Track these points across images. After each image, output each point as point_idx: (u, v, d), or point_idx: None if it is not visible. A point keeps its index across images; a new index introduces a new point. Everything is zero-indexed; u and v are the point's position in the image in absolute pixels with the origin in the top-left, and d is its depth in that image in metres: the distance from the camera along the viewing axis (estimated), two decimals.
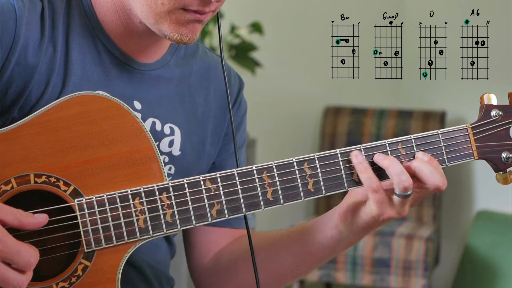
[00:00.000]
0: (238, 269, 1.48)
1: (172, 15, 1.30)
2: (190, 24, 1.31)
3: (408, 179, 1.28)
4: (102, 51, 1.37)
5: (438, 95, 4.37)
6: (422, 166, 1.30)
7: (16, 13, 1.29)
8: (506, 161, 1.36)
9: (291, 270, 1.45)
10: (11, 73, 1.29)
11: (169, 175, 1.43)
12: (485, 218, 4.08)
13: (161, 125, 1.42)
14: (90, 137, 1.26)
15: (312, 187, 1.31)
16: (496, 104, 1.37)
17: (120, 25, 1.37)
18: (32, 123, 1.25)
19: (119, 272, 1.25)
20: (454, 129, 1.36)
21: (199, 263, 1.54)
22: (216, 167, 1.52)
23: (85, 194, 1.25)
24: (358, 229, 1.35)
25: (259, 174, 1.29)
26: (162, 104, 1.42)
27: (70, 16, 1.36)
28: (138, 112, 1.39)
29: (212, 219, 1.28)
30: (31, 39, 1.31)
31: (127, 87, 1.38)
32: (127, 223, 1.25)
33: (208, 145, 1.49)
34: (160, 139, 1.42)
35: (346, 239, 1.38)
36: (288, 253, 1.43)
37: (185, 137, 1.45)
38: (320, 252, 1.41)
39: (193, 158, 1.47)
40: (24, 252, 1.15)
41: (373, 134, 4.29)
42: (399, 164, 1.29)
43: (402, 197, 1.29)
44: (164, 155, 1.43)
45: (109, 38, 1.37)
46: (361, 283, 3.86)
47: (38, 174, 1.23)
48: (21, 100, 1.31)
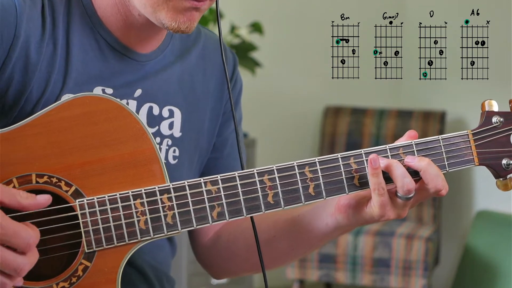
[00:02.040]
0: (236, 249, 1.49)
1: (169, 2, 1.30)
2: (187, 12, 1.32)
3: (411, 181, 1.29)
4: (103, 47, 1.37)
5: (438, 95, 4.37)
6: (428, 167, 1.30)
7: (17, 10, 1.30)
8: (507, 167, 1.37)
9: (287, 253, 1.46)
10: (12, 70, 1.30)
11: (175, 158, 1.44)
12: (485, 218, 4.08)
13: (159, 109, 1.42)
14: (92, 138, 1.26)
15: (312, 190, 1.31)
16: (497, 111, 1.38)
17: (119, 18, 1.37)
18: (34, 123, 1.25)
19: (119, 273, 1.25)
20: (455, 135, 1.36)
21: (200, 241, 1.54)
22: (218, 147, 1.52)
23: (87, 194, 1.25)
24: (355, 223, 1.37)
25: (260, 177, 1.29)
26: (162, 88, 1.43)
27: (70, 13, 1.36)
28: (134, 100, 1.40)
29: (213, 221, 1.28)
30: (32, 36, 1.31)
31: (129, 80, 1.39)
32: (128, 224, 1.25)
33: (208, 122, 1.50)
34: (159, 122, 1.43)
35: (342, 228, 1.39)
36: (284, 237, 1.44)
37: (185, 117, 1.46)
38: (315, 237, 1.41)
39: (194, 137, 1.47)
40: (22, 234, 1.14)
41: (373, 134, 4.29)
42: (402, 166, 1.30)
43: (404, 199, 1.30)
44: (167, 138, 1.43)
45: (110, 32, 1.38)
46: (361, 283, 3.86)
47: (40, 174, 1.24)
48: (23, 98, 1.31)
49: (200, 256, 1.56)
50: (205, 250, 1.54)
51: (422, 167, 1.31)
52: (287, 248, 1.45)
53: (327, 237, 1.41)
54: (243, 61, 3.80)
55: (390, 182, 1.31)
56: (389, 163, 1.31)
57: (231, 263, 1.52)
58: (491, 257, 3.94)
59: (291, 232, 1.44)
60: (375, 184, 1.30)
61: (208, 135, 1.51)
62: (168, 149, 1.43)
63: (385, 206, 1.30)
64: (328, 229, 1.39)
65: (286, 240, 1.45)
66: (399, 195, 1.30)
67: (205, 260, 1.56)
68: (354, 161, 1.32)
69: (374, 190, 1.30)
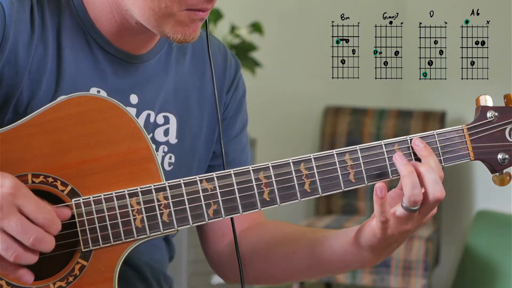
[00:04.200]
0: (256, 260, 1.48)
1: (176, 17, 1.29)
2: (193, 23, 1.31)
3: (420, 193, 1.27)
4: (95, 48, 1.37)
5: (438, 95, 4.37)
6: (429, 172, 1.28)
7: (5, 12, 1.29)
8: (502, 162, 1.36)
9: (303, 271, 1.44)
10: (1, 73, 1.29)
11: (170, 164, 1.44)
12: (485, 218, 4.08)
13: (154, 116, 1.42)
14: (87, 138, 1.26)
15: (308, 187, 1.31)
16: (492, 106, 1.37)
17: (114, 24, 1.36)
18: (30, 123, 1.25)
19: (116, 272, 1.25)
20: (450, 130, 1.36)
21: (215, 248, 1.53)
22: (219, 155, 1.51)
23: (83, 194, 1.25)
24: (366, 246, 1.33)
25: (255, 174, 1.29)
26: (158, 94, 1.42)
27: (61, 15, 1.35)
28: (133, 107, 1.39)
29: (209, 219, 1.28)
30: (21, 38, 1.30)
31: (122, 82, 1.38)
32: (124, 223, 1.25)
33: (205, 128, 1.49)
34: (154, 129, 1.42)
35: (357, 255, 1.36)
36: (303, 255, 1.42)
37: (181, 124, 1.45)
38: (333, 262, 1.40)
39: (191, 144, 1.47)
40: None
41: (373, 134, 4.29)
42: (415, 176, 1.27)
43: (409, 210, 1.27)
44: (163, 144, 1.43)
45: (102, 35, 1.37)
46: (361, 283, 3.86)
47: (35, 174, 1.24)
48: (13, 100, 1.30)
49: (215, 263, 1.54)
50: (222, 257, 1.52)
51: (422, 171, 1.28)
52: (304, 266, 1.43)
53: (344, 264, 1.39)
54: (243, 61, 3.80)
55: (386, 178, 1.30)
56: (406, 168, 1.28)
57: (248, 273, 1.48)
58: (491, 257, 3.93)
59: (311, 252, 1.42)
60: (379, 212, 1.28)
61: (206, 141, 1.50)
62: (164, 156, 1.43)
63: (387, 227, 1.28)
64: (347, 255, 1.37)
65: (305, 259, 1.43)
66: (404, 205, 1.27)
67: (220, 267, 1.54)
68: (349, 157, 1.31)
69: (377, 216, 1.28)
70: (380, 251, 1.33)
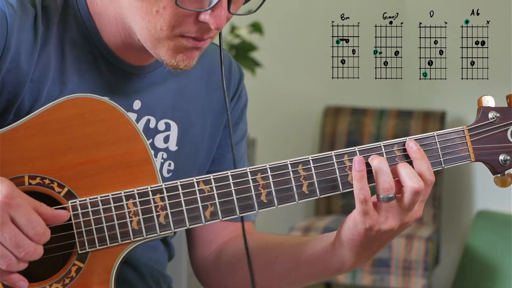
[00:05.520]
0: (239, 268, 1.47)
1: (170, 41, 1.28)
2: (188, 51, 1.30)
3: (389, 180, 1.26)
4: (99, 59, 1.36)
5: (438, 95, 4.36)
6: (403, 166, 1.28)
7: (7, 20, 1.28)
8: (504, 163, 1.35)
9: (285, 277, 1.43)
10: (3, 81, 1.28)
11: (169, 171, 1.44)
12: (485, 218, 4.08)
13: (155, 122, 1.41)
14: (84, 139, 1.26)
15: (306, 189, 1.30)
16: (493, 106, 1.36)
17: (119, 38, 1.35)
18: (27, 125, 1.25)
19: (112, 274, 1.25)
20: (451, 131, 1.35)
21: (201, 254, 1.53)
22: (216, 160, 1.51)
23: (79, 195, 1.25)
24: (346, 242, 1.32)
25: (253, 175, 1.29)
26: (161, 101, 1.42)
27: (66, 24, 1.34)
28: (134, 113, 1.39)
29: (206, 221, 1.27)
30: (23, 47, 1.29)
31: (125, 92, 1.38)
32: (121, 225, 1.25)
33: (207, 138, 1.48)
34: (154, 135, 1.42)
35: (337, 254, 1.35)
36: (285, 258, 1.42)
37: (183, 131, 1.44)
38: (313, 264, 1.38)
39: (192, 152, 1.46)
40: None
41: (373, 134, 4.29)
42: (386, 166, 1.27)
43: (384, 200, 1.27)
44: (162, 151, 1.43)
45: (107, 46, 1.36)
46: (361, 283, 3.86)
47: (32, 176, 1.23)
48: (14, 108, 1.30)
49: (199, 270, 1.54)
50: (206, 263, 1.52)
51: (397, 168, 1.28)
52: (285, 271, 1.42)
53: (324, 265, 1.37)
54: (243, 61, 3.80)
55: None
56: (375, 160, 1.28)
57: (230, 281, 1.49)
58: (491, 257, 3.93)
59: (293, 254, 1.41)
60: (357, 189, 1.27)
61: (208, 150, 1.49)
62: (163, 163, 1.43)
63: (366, 214, 1.28)
64: (327, 254, 1.36)
65: (286, 263, 1.42)
66: (380, 195, 1.27)
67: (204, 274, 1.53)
68: (348, 159, 1.30)
69: (356, 195, 1.27)
70: (360, 248, 1.31)
